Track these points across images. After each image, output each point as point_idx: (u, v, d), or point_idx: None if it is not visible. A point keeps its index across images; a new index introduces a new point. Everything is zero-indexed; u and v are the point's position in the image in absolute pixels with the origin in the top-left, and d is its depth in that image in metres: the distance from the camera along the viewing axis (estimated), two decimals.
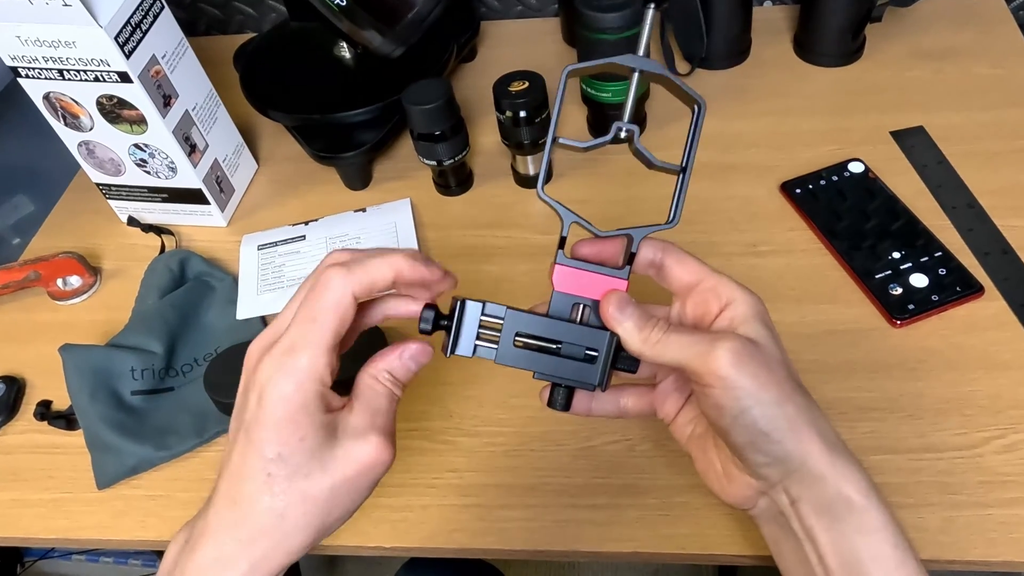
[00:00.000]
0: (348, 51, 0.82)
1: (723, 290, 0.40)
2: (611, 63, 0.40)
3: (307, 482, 0.34)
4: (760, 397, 0.36)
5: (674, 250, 0.42)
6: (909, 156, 0.72)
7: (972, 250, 0.64)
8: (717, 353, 0.36)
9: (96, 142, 0.72)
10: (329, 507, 0.35)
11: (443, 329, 0.40)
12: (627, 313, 0.39)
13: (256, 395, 0.34)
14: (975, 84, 0.78)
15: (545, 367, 0.40)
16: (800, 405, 0.37)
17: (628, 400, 0.45)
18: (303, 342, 0.34)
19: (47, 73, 0.66)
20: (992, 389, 0.56)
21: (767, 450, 0.37)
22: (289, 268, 0.72)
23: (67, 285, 0.74)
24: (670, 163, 0.41)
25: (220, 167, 0.77)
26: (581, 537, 0.53)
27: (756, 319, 0.39)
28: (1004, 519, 0.50)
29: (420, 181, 0.79)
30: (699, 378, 0.37)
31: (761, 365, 0.37)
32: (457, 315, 0.40)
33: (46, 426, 0.64)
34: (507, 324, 0.40)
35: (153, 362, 0.64)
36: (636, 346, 0.39)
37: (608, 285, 0.40)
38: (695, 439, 0.43)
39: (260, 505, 0.34)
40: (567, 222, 0.41)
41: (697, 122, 0.40)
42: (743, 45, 0.86)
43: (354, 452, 0.35)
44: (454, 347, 0.40)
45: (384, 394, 0.37)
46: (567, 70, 0.39)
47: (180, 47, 0.70)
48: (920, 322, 0.60)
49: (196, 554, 0.34)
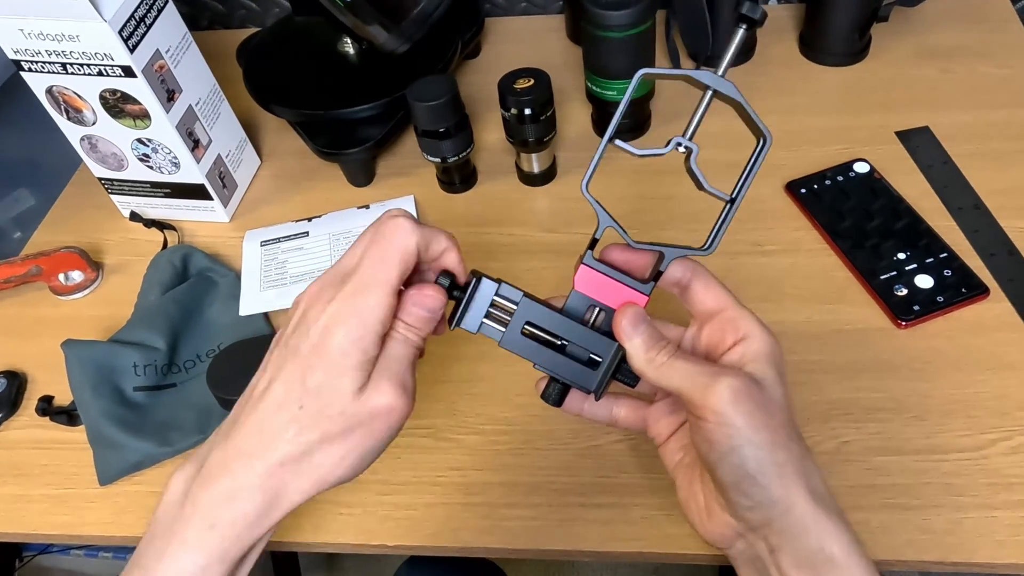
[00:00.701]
0: (352, 47, 0.82)
1: (742, 324, 0.39)
2: (688, 76, 0.39)
3: (329, 422, 0.35)
4: (752, 439, 0.36)
5: (703, 274, 0.41)
6: (915, 156, 0.72)
7: (978, 251, 0.64)
8: (717, 388, 0.36)
9: (99, 136, 0.72)
10: (342, 452, 0.35)
11: (453, 299, 0.40)
12: (639, 330, 0.39)
13: (318, 331, 0.35)
14: (981, 84, 0.78)
15: (547, 361, 0.40)
16: (793, 453, 0.37)
17: (621, 410, 0.45)
18: (373, 282, 0.35)
19: (50, 67, 0.65)
20: (998, 390, 0.56)
21: (752, 493, 0.36)
22: (292, 264, 0.72)
23: (69, 280, 0.73)
24: (720, 191, 0.40)
25: (223, 162, 0.77)
26: (585, 536, 0.53)
27: (767, 360, 0.38)
28: (1011, 521, 0.50)
29: (424, 178, 0.79)
30: (695, 409, 0.37)
31: (759, 407, 0.36)
32: (471, 289, 0.39)
33: (48, 421, 0.64)
34: (520, 311, 0.40)
35: (156, 358, 0.64)
36: (640, 364, 0.39)
37: (628, 297, 0.40)
38: (683, 467, 0.43)
39: (285, 436, 0.34)
40: (603, 225, 0.40)
41: (759, 156, 0.40)
42: (748, 43, 0.85)
43: (371, 399, 0.35)
44: (460, 320, 0.40)
45: (399, 341, 0.37)
46: (641, 72, 0.39)
47: (184, 42, 0.70)
48: (925, 323, 0.60)
49: (211, 484, 0.35)
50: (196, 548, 0.34)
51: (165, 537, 0.35)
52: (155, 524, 0.36)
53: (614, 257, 0.41)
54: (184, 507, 0.35)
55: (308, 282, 0.69)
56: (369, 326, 0.35)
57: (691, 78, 0.39)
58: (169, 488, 0.37)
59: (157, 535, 0.35)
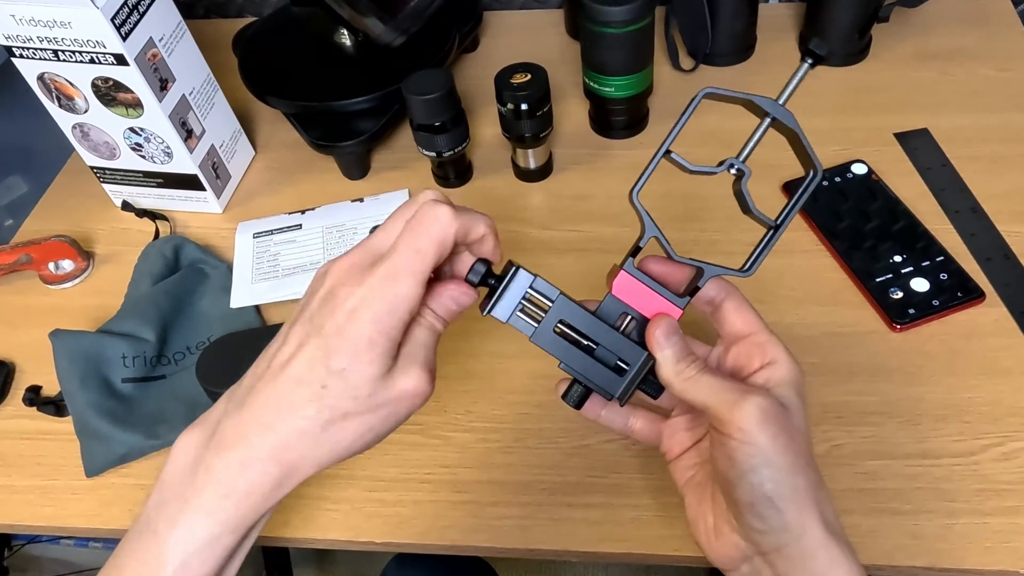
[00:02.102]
0: (348, 38, 0.81)
1: (770, 349, 0.39)
2: (749, 100, 0.39)
3: (354, 403, 0.34)
4: (774, 460, 0.35)
5: (737, 296, 0.41)
6: (913, 158, 0.72)
7: (974, 255, 0.64)
8: (745, 405, 0.36)
9: (91, 125, 0.71)
10: (363, 430, 0.35)
11: (488, 287, 0.40)
12: (671, 341, 0.39)
13: (345, 311, 0.34)
14: (981, 86, 0.78)
15: (575, 362, 0.40)
16: (811, 480, 0.37)
17: (638, 422, 0.45)
18: (407, 271, 0.35)
19: (42, 53, 0.64)
20: (991, 396, 0.56)
21: (766, 515, 0.36)
22: (285, 257, 0.71)
23: (59, 269, 0.73)
24: (766, 216, 0.41)
25: (216, 153, 0.76)
26: (575, 536, 0.53)
27: (792, 386, 0.39)
28: (1001, 527, 0.50)
29: (419, 172, 0.78)
30: (721, 425, 0.37)
31: (784, 429, 0.36)
32: (508, 279, 0.39)
33: (35, 412, 0.64)
34: (555, 308, 0.40)
35: (145, 349, 0.64)
36: (668, 376, 0.39)
37: (663, 308, 0.40)
38: (693, 485, 0.43)
39: (305, 412, 0.34)
40: (648, 235, 0.40)
41: (808, 187, 0.40)
42: (748, 42, 0.85)
43: (398, 383, 0.35)
44: (492, 307, 0.40)
45: (426, 327, 0.37)
46: (705, 92, 0.39)
47: (178, 30, 0.69)
48: (920, 327, 0.60)
49: (226, 452, 0.34)
50: (210, 516, 0.34)
51: (177, 503, 0.34)
52: (164, 487, 0.36)
53: (653, 268, 0.41)
54: (197, 474, 0.35)
55: (300, 275, 0.69)
56: (397, 315, 0.35)
57: (752, 103, 0.39)
58: (177, 451, 0.36)
59: (168, 499, 0.35)
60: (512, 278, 0.39)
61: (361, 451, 0.36)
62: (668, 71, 0.85)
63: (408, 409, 0.36)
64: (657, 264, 0.41)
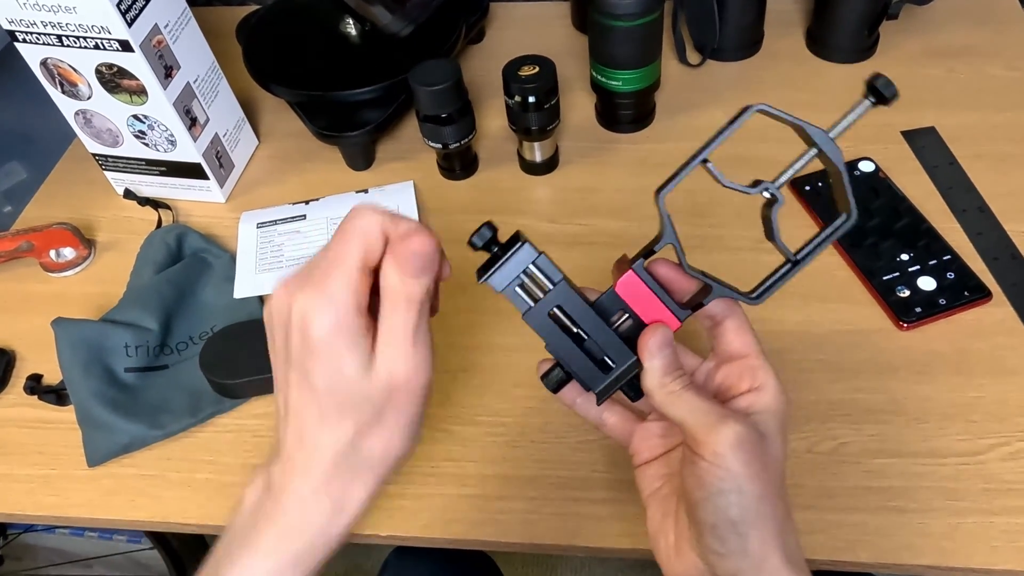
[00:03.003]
0: (354, 27, 0.80)
1: (761, 374, 0.39)
2: (799, 125, 0.38)
3: (357, 416, 0.34)
4: (744, 487, 0.35)
5: (739, 317, 0.41)
6: (920, 157, 0.72)
7: (981, 254, 0.64)
8: (722, 429, 0.35)
9: (94, 111, 0.70)
10: (388, 437, 0.34)
11: (489, 252, 0.38)
12: (663, 353, 0.38)
13: (298, 330, 0.34)
14: (989, 85, 0.78)
15: (562, 348, 0.39)
16: (778, 511, 0.36)
17: (612, 417, 0.45)
18: (334, 269, 0.33)
19: (46, 39, 0.64)
20: (998, 395, 0.56)
21: (727, 539, 0.36)
22: (289, 247, 0.71)
23: (60, 257, 0.72)
24: (788, 248, 0.40)
25: (220, 142, 0.75)
26: (580, 531, 0.53)
27: (774, 416, 0.38)
28: (1007, 527, 0.50)
29: (424, 164, 0.78)
30: (695, 445, 0.36)
31: (758, 458, 0.36)
32: (513, 250, 0.38)
33: (36, 400, 0.63)
34: (555, 292, 0.39)
35: (148, 339, 0.63)
36: (652, 386, 0.38)
37: (662, 316, 0.39)
38: (659, 497, 0.42)
39: (323, 442, 0.34)
40: (665, 241, 0.39)
41: (838, 229, 0.39)
42: (756, 37, 0.84)
43: (380, 376, 0.34)
44: (490, 276, 0.38)
45: (395, 306, 0.34)
46: (757, 108, 0.37)
47: (183, 17, 0.68)
48: (927, 325, 0.60)
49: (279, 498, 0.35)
50: (268, 555, 0.35)
51: (239, 547, 0.35)
52: (228, 536, 0.36)
53: (661, 271, 0.40)
54: (257, 519, 0.35)
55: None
56: (341, 304, 0.33)
57: (802, 130, 0.38)
58: (242, 503, 0.37)
59: (232, 544, 0.36)
60: (517, 250, 0.38)
61: (403, 456, 0.35)
62: (675, 65, 0.84)
63: (409, 398, 0.34)
64: (666, 268, 0.40)
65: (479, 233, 0.38)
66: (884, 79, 0.36)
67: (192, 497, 0.57)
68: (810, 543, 0.51)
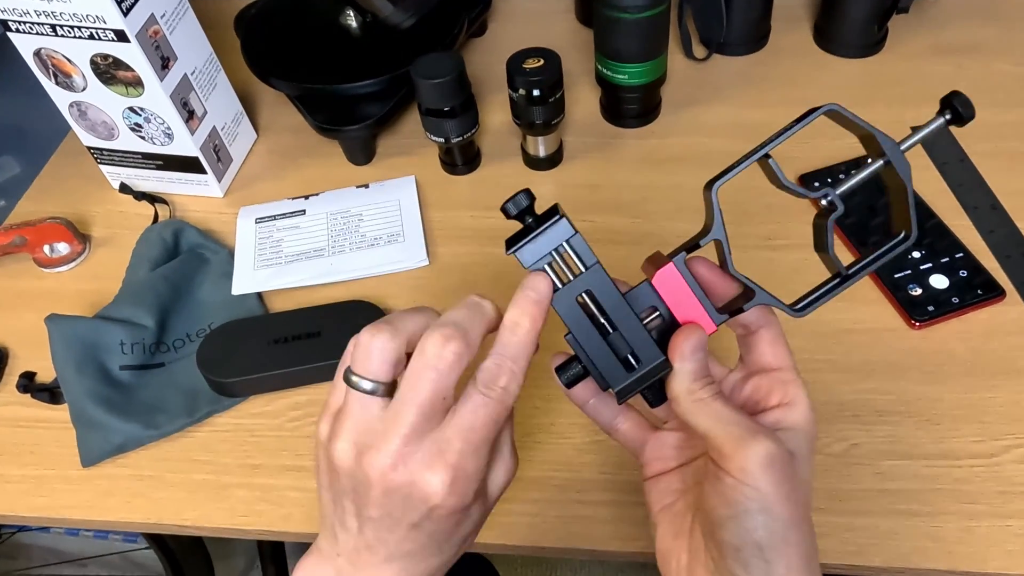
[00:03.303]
0: (355, 19, 0.79)
1: (792, 390, 0.37)
2: (872, 133, 0.36)
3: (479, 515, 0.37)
4: (773, 509, 0.33)
5: (775, 328, 0.39)
6: (930, 153, 0.71)
7: (993, 252, 0.63)
8: (754, 445, 0.33)
9: (89, 103, 0.69)
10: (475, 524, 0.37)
11: (524, 223, 0.36)
12: (696, 357, 0.36)
13: (416, 509, 0.34)
14: (998, 82, 0.77)
15: (584, 338, 0.37)
16: (805, 536, 0.34)
17: (625, 423, 0.42)
18: (453, 453, 0.34)
19: (39, 28, 0.62)
20: (1012, 396, 0.55)
21: (751, 563, 0.33)
22: (288, 243, 0.69)
23: (54, 252, 0.71)
24: (839, 262, 0.38)
25: (218, 135, 0.74)
26: (586, 534, 0.51)
27: (804, 435, 0.36)
28: (1023, 531, 0.49)
29: (426, 158, 0.76)
30: (721, 460, 0.34)
31: (788, 480, 0.33)
32: (548, 224, 0.35)
33: (29, 399, 0.62)
34: (587, 276, 0.36)
35: (143, 336, 0.62)
36: (680, 391, 0.36)
37: (698, 318, 0.37)
38: (670, 513, 0.39)
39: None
40: (713, 236, 0.37)
41: (894, 248, 0.37)
42: (762, 31, 0.83)
43: (492, 485, 0.37)
44: (520, 248, 0.36)
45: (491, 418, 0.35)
46: (829, 107, 0.36)
47: (180, 7, 0.67)
48: (939, 324, 0.59)
49: None
50: None
51: None
52: None
53: (701, 271, 0.38)
54: None
55: (304, 262, 0.68)
56: (475, 448, 0.34)
57: (873, 137, 0.36)
58: None
59: None
60: (553, 224, 0.35)
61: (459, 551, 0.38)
62: (681, 60, 0.83)
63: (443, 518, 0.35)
64: (707, 269, 0.38)
65: (514, 200, 0.35)
66: (963, 97, 0.34)
67: (189, 498, 0.56)
68: (820, 547, 0.49)
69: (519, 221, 0.36)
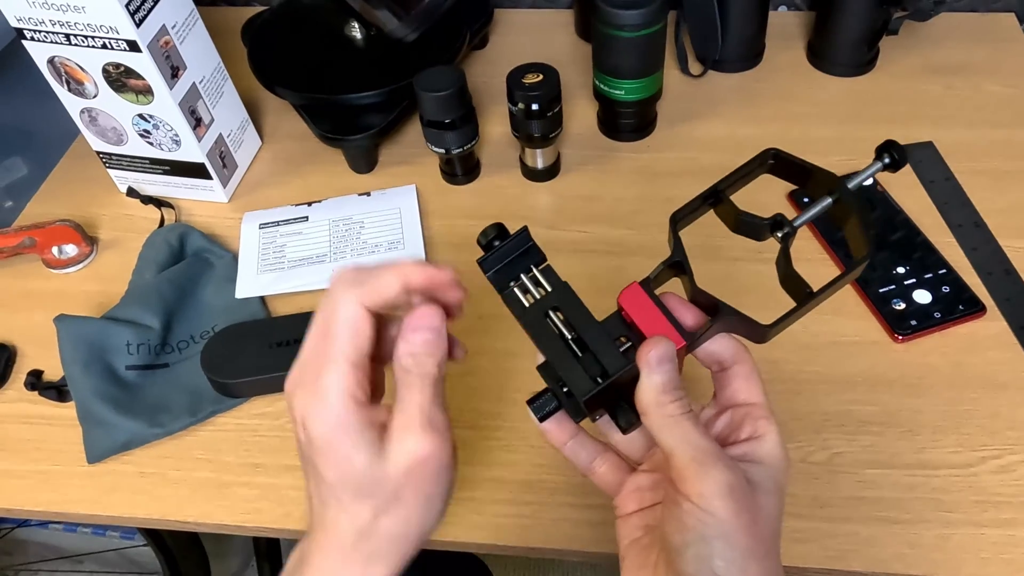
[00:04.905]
0: (359, 31, 0.81)
1: (763, 425, 0.37)
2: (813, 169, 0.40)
3: (374, 499, 0.34)
4: (732, 537, 0.32)
5: (748, 364, 0.39)
6: (917, 171, 0.73)
7: (976, 269, 0.64)
8: (714, 472, 0.33)
9: (99, 110, 0.70)
10: (406, 515, 0.34)
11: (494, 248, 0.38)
12: (663, 368, 0.35)
13: (302, 429, 0.34)
14: (986, 102, 0.79)
15: (553, 352, 0.37)
16: (766, 570, 0.33)
17: (603, 465, 0.42)
18: (325, 367, 0.34)
19: (53, 37, 0.64)
20: (990, 409, 0.56)
21: None
22: (291, 249, 0.71)
23: (62, 254, 0.72)
24: (805, 283, 0.39)
25: (224, 142, 0.76)
26: (576, 536, 0.53)
27: (771, 469, 0.36)
28: (997, 539, 0.50)
29: (426, 168, 0.78)
30: (682, 484, 0.33)
31: (747, 510, 0.33)
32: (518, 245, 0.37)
33: (36, 396, 0.63)
34: (554, 294, 0.38)
35: (149, 337, 0.63)
36: (648, 403, 0.35)
37: (667, 333, 0.37)
38: (638, 548, 0.39)
39: (342, 524, 0.34)
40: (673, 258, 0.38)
41: (853, 270, 0.38)
42: (757, 48, 0.85)
43: (394, 460, 0.34)
44: (491, 267, 0.38)
45: (407, 384, 0.35)
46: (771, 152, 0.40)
47: (191, 18, 0.69)
48: (921, 338, 0.61)
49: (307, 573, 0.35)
50: None
51: None
52: None
53: (670, 299, 0.38)
54: None
55: (306, 267, 0.69)
56: (337, 404, 0.33)
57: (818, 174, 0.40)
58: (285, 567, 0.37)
59: None
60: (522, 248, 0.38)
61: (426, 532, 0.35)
62: (677, 75, 0.85)
63: (427, 476, 0.34)
64: (676, 301, 0.38)
65: (485, 232, 0.38)
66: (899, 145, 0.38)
67: (191, 496, 0.57)
68: (802, 552, 0.51)
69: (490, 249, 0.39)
